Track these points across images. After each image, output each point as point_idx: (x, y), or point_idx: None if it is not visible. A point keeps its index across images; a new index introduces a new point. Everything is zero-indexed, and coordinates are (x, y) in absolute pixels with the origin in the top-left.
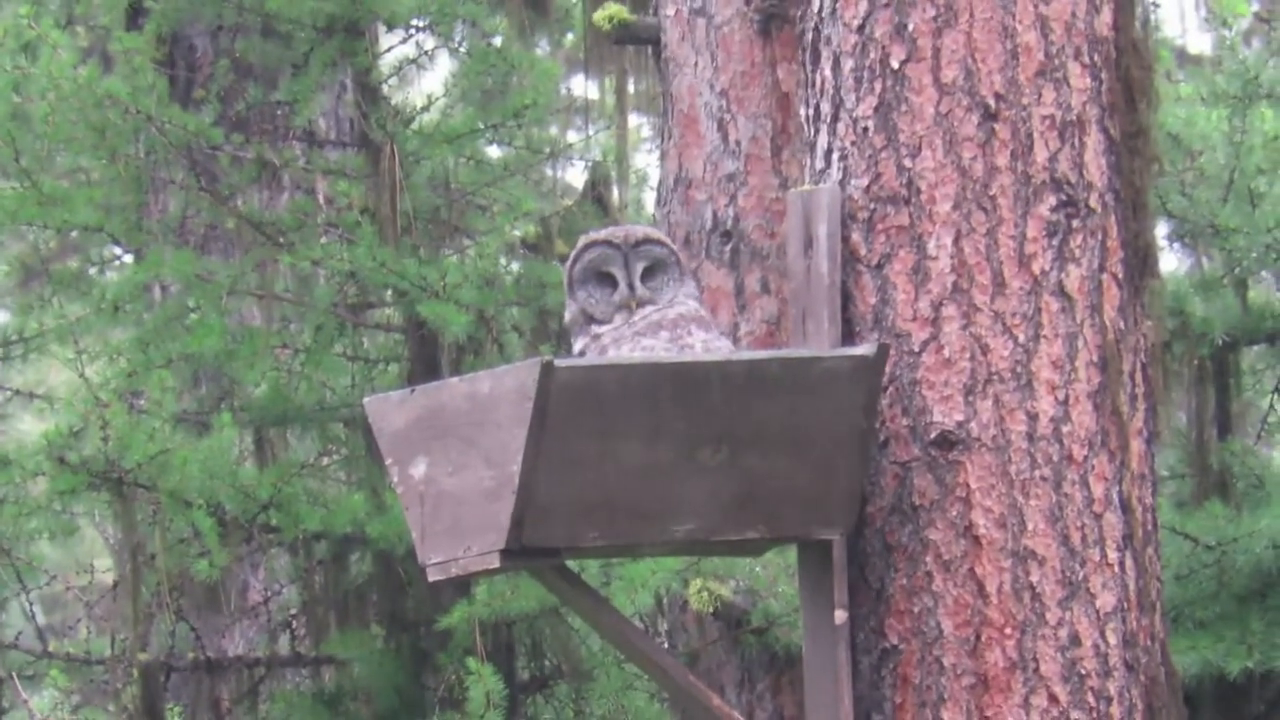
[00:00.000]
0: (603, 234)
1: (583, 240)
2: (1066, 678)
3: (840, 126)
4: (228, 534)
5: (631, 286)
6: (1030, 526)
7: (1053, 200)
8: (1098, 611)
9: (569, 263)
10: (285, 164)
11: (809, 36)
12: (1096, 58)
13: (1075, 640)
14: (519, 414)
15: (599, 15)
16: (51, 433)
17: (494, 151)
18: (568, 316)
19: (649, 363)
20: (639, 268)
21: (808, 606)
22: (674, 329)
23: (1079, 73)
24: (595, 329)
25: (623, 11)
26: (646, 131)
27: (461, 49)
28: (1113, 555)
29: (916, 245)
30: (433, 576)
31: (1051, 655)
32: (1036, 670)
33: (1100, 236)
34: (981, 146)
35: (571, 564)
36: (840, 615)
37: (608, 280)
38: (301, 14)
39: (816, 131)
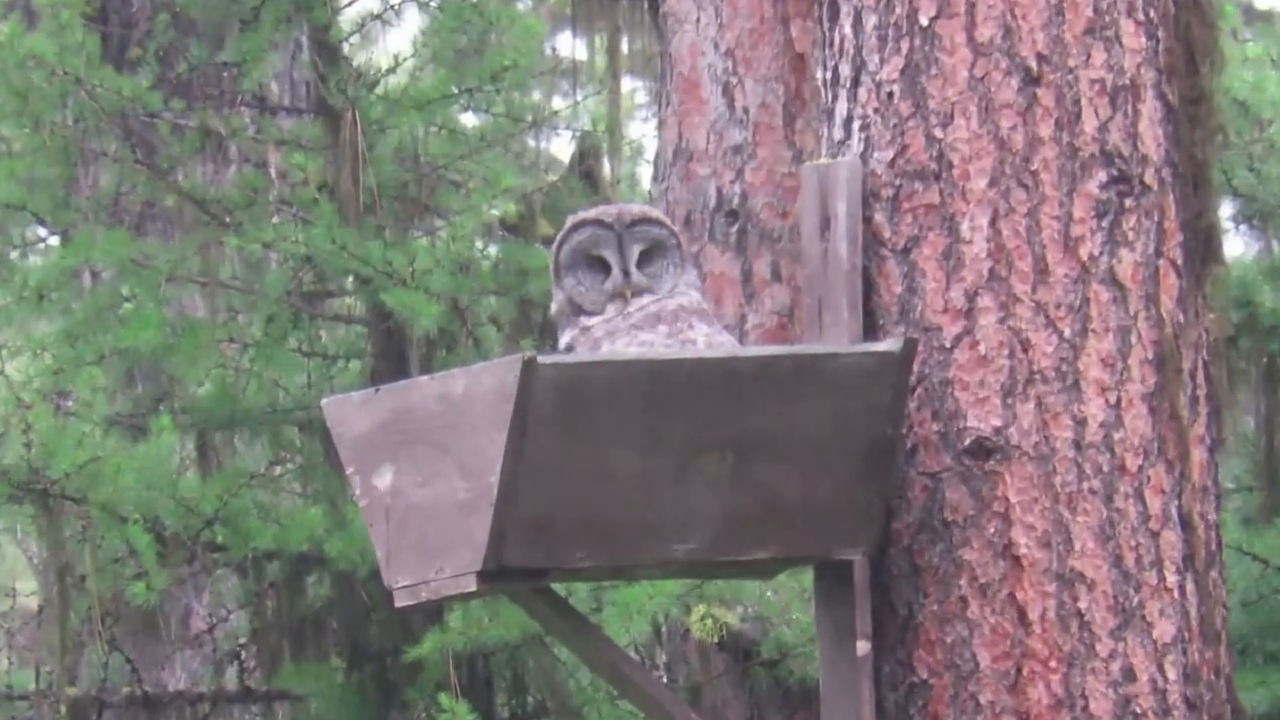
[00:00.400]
0: (593, 213)
1: (570, 220)
2: (1119, 717)
3: (862, 91)
4: (167, 552)
5: (626, 273)
6: (1078, 546)
7: (1103, 176)
8: (1155, 642)
9: (555, 246)
10: (232, 133)
11: None
12: (1153, 13)
13: (1129, 675)
14: (498, 417)
15: None
16: None
17: (469, 120)
18: (553, 307)
19: (646, 360)
20: (634, 251)
21: (825, 636)
22: (674, 322)
23: (1133, 31)
24: (585, 321)
25: None
26: (642, 97)
27: (432, 3)
28: (1171, 579)
29: (948, 227)
30: (400, 601)
31: (1102, 691)
32: (1085, 708)
33: (1156, 217)
34: (1022, 114)
35: (558, 587)
36: (862, 646)
37: (599, 265)
38: None
39: (835, 97)
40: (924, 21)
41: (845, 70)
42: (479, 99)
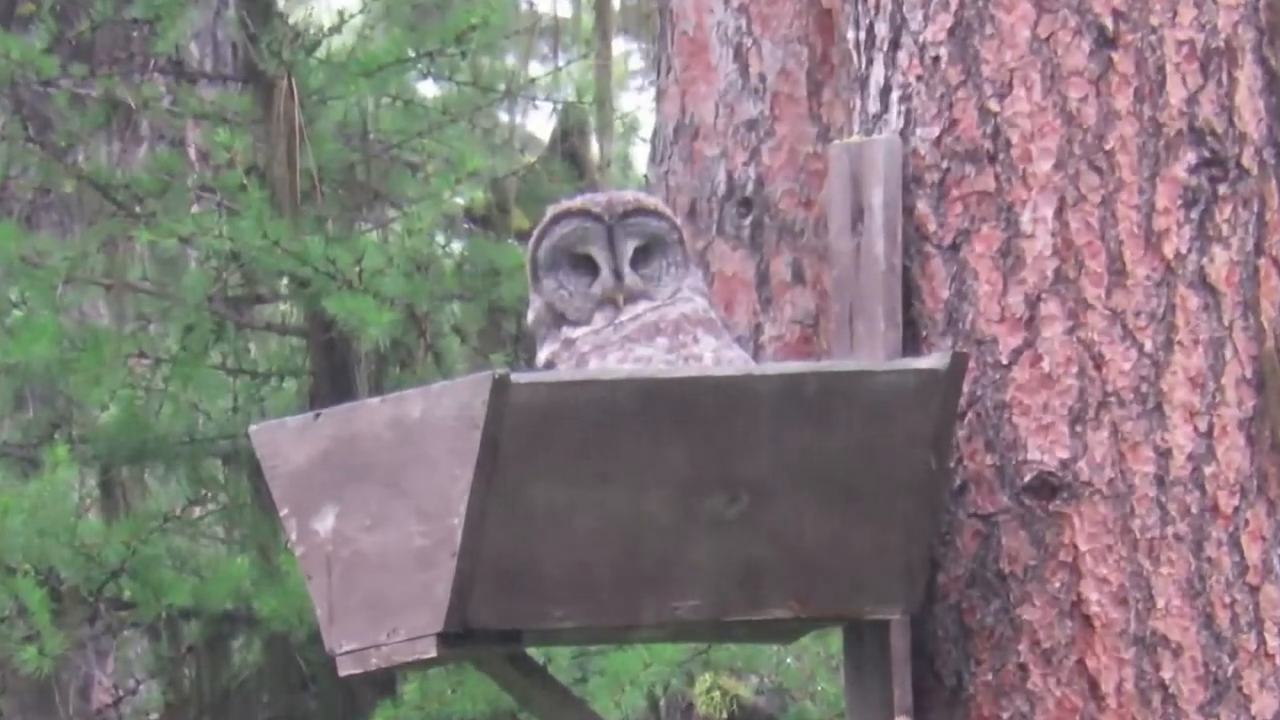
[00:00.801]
0: (578, 202)
1: (551, 211)
2: None
3: (902, 55)
4: (64, 610)
5: (618, 274)
6: (1161, 603)
7: (1192, 157)
8: (1253, 718)
9: (532, 241)
10: (144, 105)
11: None
12: None
13: None
14: (462, 448)
15: None
16: None
17: (429, 89)
18: (530, 315)
19: (642, 379)
20: (628, 248)
21: (857, 710)
22: (675, 334)
23: None
24: (568, 332)
25: None
26: (637, 62)
27: None
28: (1273, 642)
29: (1005, 218)
30: (345, 669)
31: None
32: None
33: (1256, 207)
34: (1094, 83)
35: (535, 652)
36: None
37: (585, 265)
38: None
39: (870, 62)
40: None
41: (882, 29)
42: (440, 64)
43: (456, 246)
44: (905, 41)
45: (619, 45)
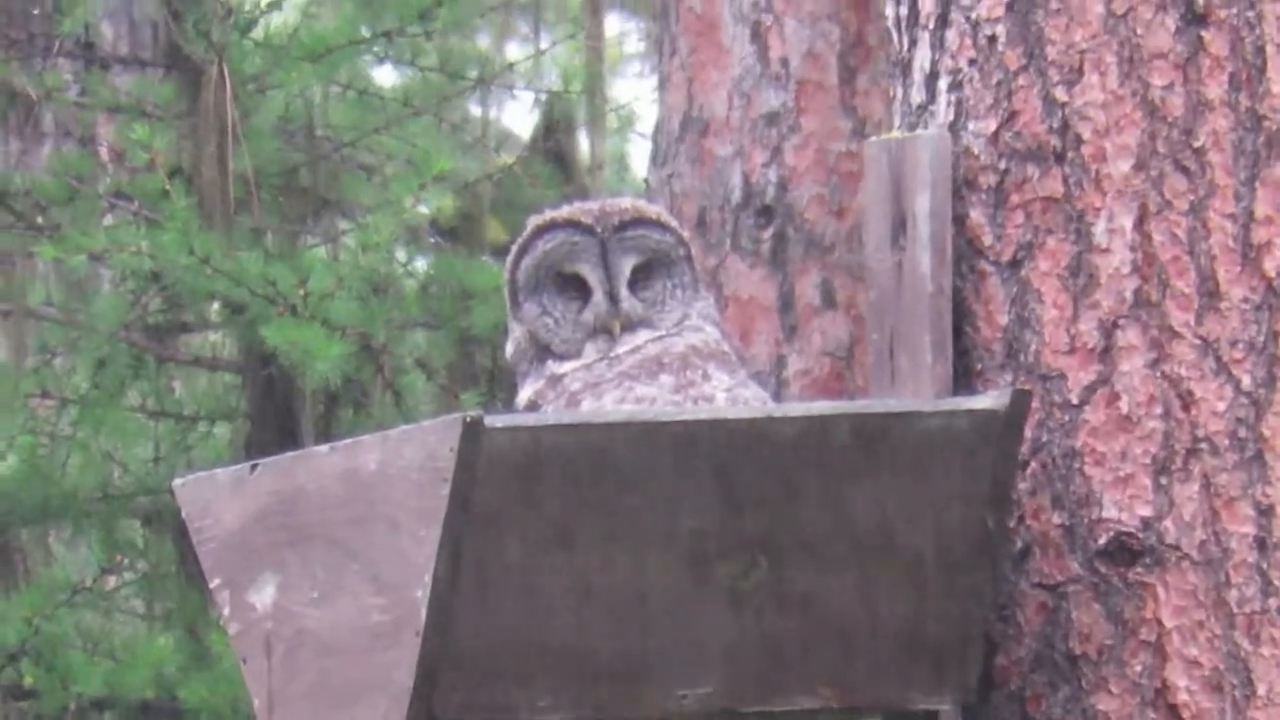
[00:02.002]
0: (566, 212)
1: (534, 222)
2: None
3: (951, 35)
4: None
5: (613, 297)
6: (1262, 690)
7: None
8: None
9: (511, 258)
10: (47, 96)
11: None
12: None
13: None
14: (427, 505)
15: None
16: None
17: (386, 76)
18: (509, 347)
19: (642, 423)
20: (625, 266)
21: None
22: (682, 369)
23: None
24: (554, 367)
25: None
26: (634, 44)
27: None
28: None
29: (1076, 229)
30: None
31: None
32: None
33: None
34: (1181, 68)
35: None
36: None
37: (575, 287)
38: None
39: (913, 43)
40: None
41: (927, 4)
42: (400, 47)
43: (420, 264)
44: (955, 18)
45: (613, 24)
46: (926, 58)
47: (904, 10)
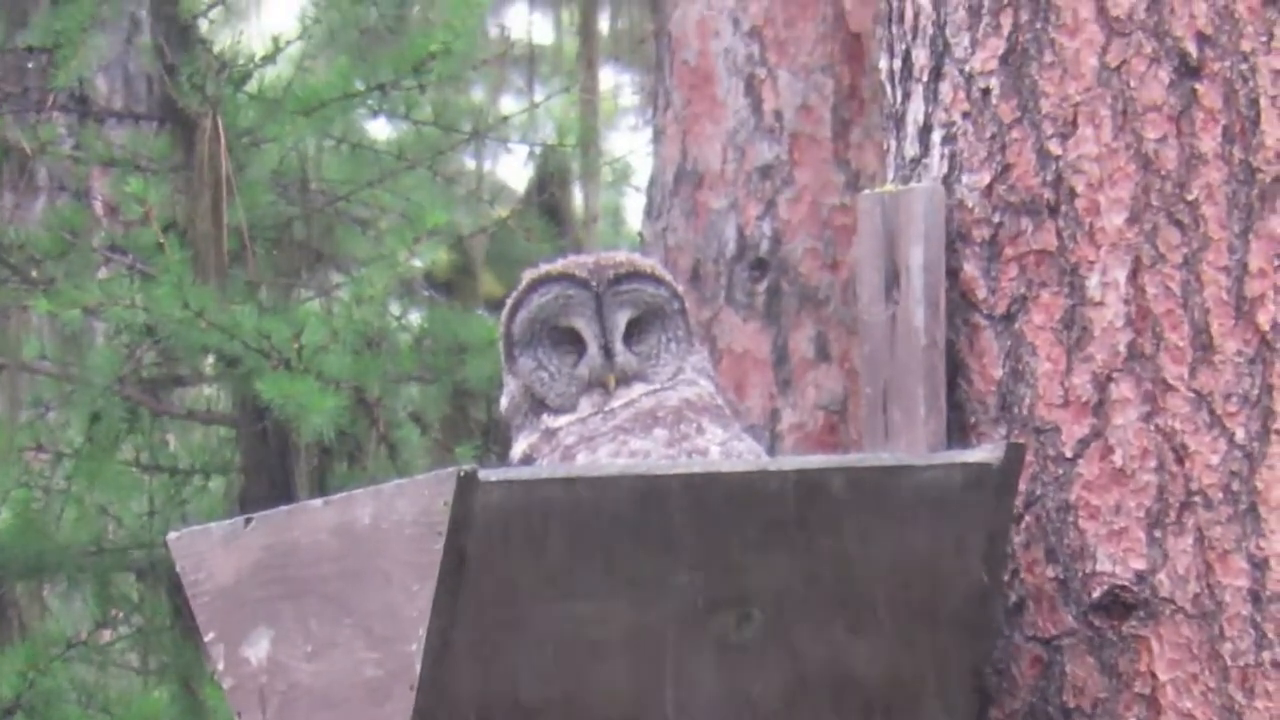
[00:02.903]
0: (560, 265)
1: (529, 275)
2: None
3: (945, 87)
4: None
5: (608, 351)
6: None
7: None
8: None
9: (506, 312)
10: (41, 149)
11: None
12: None
13: None
14: (421, 559)
15: None
16: None
17: (380, 130)
18: (504, 401)
19: (637, 476)
20: (620, 320)
21: None
22: (676, 423)
23: None
24: (549, 420)
25: None
26: (629, 97)
27: None
28: None
29: (1070, 282)
30: None
31: None
32: None
33: None
34: (1175, 120)
35: None
36: None
37: (569, 341)
38: None
39: (907, 95)
40: None
41: (921, 56)
42: (395, 100)
43: (414, 318)
44: (949, 71)
45: (607, 76)
46: (920, 110)
47: (898, 63)
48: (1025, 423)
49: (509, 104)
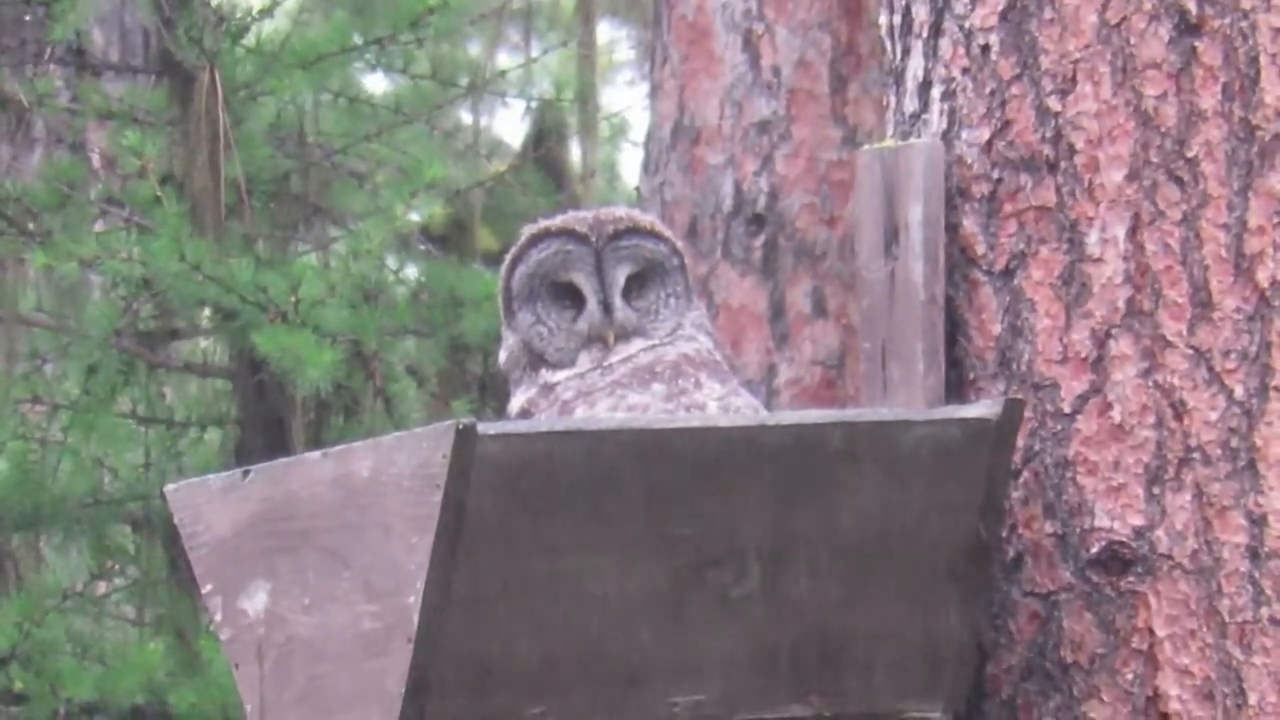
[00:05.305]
0: (560, 221)
1: (528, 231)
2: None
3: (944, 43)
4: None
5: (607, 306)
6: (1254, 699)
7: None
8: None
9: (505, 267)
10: (38, 103)
11: None
12: None
13: None
14: (420, 512)
15: None
16: None
17: (377, 84)
18: (502, 355)
19: (635, 431)
20: (619, 276)
21: None
22: (674, 378)
23: None
24: (548, 375)
25: None
26: (626, 52)
27: None
28: None
29: (1069, 239)
30: None
31: None
32: None
33: None
34: (1175, 77)
35: None
36: None
37: (568, 296)
38: None
39: (907, 51)
40: None
41: (921, 12)
42: (392, 54)
43: (411, 272)
44: (949, 27)
45: (604, 31)
46: (920, 66)
47: (897, 19)
48: (1024, 379)
49: (506, 59)
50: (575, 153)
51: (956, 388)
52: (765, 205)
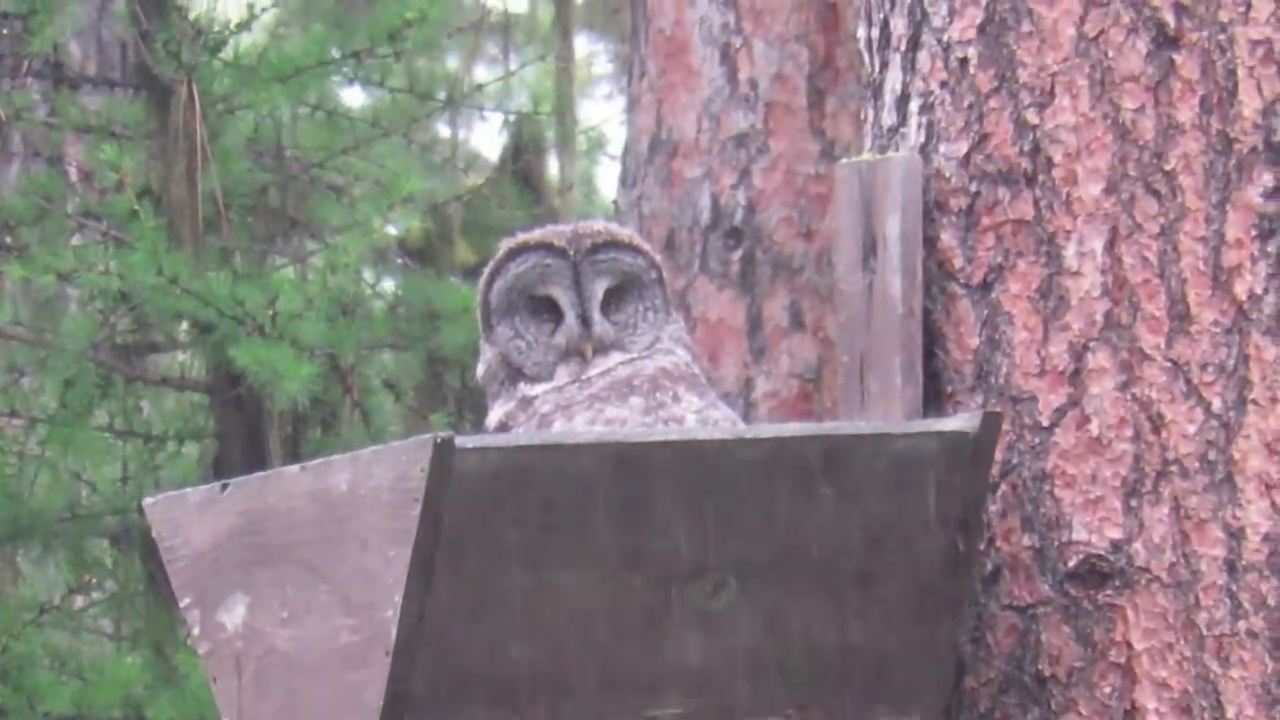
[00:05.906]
0: (538, 234)
1: (506, 245)
2: None
3: (923, 56)
4: None
5: (585, 320)
6: (1231, 713)
7: (1269, 179)
8: None
9: (483, 281)
10: (15, 116)
11: None
12: None
13: None
14: (397, 525)
15: None
16: None
17: (355, 97)
18: (480, 368)
19: (613, 444)
20: (597, 289)
21: None
22: (652, 391)
23: None
24: (526, 389)
25: None
26: (604, 65)
27: None
28: None
29: (1047, 252)
30: None
31: None
32: None
33: None
34: (1153, 91)
35: None
36: None
37: (546, 309)
38: None
39: (884, 65)
40: None
41: (899, 25)
42: (369, 67)
43: (388, 285)
44: (927, 40)
45: (582, 45)
46: (898, 80)
47: (875, 32)
48: (1002, 392)
49: (484, 72)
50: (553, 166)
51: (934, 401)
52: (743, 218)
